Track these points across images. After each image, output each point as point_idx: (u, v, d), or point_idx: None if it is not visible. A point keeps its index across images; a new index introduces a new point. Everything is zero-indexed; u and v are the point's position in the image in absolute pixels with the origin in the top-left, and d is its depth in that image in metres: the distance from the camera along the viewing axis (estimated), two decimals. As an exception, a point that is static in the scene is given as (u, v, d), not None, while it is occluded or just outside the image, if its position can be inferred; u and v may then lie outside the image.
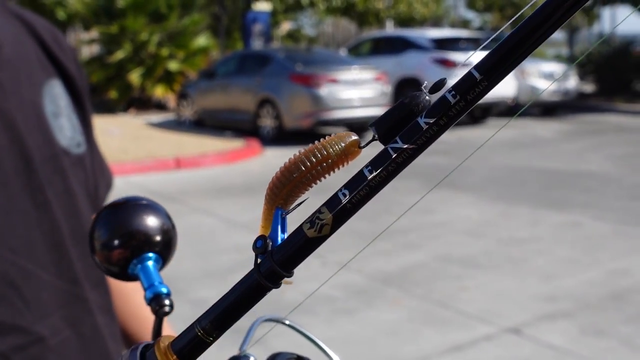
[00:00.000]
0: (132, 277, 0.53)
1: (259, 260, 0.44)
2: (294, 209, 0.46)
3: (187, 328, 0.45)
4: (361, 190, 0.42)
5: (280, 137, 13.76)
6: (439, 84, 0.43)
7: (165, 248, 0.52)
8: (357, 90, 13.76)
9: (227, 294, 0.45)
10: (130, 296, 1.20)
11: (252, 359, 0.49)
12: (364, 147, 0.45)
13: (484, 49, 0.43)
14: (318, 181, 0.45)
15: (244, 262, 6.18)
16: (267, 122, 14.17)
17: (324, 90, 13.43)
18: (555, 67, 18.42)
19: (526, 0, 37.24)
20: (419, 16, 35.53)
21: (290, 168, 0.45)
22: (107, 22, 19.34)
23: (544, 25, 0.39)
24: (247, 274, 0.44)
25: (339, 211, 0.42)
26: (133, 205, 0.54)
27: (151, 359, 0.44)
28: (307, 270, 5.88)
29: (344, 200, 0.42)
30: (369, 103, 13.87)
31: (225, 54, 21.04)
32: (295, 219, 0.46)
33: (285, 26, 37.89)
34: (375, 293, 5.32)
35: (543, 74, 17.60)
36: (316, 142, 0.45)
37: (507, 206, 8.06)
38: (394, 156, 0.41)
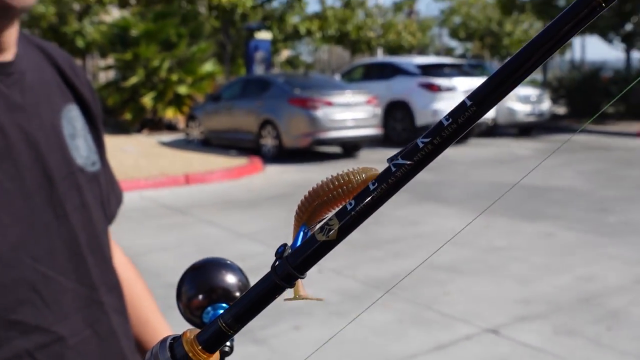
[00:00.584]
0: (199, 321, 0.55)
1: (277, 263, 0.46)
2: (316, 225, 0.48)
3: (211, 322, 0.48)
4: (366, 202, 0.44)
5: (280, 155, 13.76)
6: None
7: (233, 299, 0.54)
8: (351, 112, 13.80)
9: (247, 292, 0.48)
10: (139, 302, 1.22)
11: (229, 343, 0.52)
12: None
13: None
14: (340, 204, 0.47)
15: (248, 269, 6.19)
16: (268, 142, 14.19)
17: (320, 112, 13.45)
18: (531, 91, 18.51)
19: (504, 29, 37.26)
20: (406, 44, 35.65)
21: (317, 190, 0.47)
22: (122, 50, 19.37)
23: (526, 64, 0.44)
24: (265, 275, 0.47)
25: (345, 219, 0.45)
26: (216, 265, 0.57)
27: (179, 349, 0.46)
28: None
29: (350, 209, 0.45)
30: (361, 124, 13.90)
31: (229, 79, 21.09)
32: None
33: (285, 53, 38.01)
34: (367, 297, 5.35)
35: (520, 98, 17.68)
36: (342, 170, 0.48)
37: (487, 218, 8.09)
38: (394, 170, 0.44)
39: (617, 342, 4.41)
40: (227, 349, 0.51)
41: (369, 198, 0.45)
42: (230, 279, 0.56)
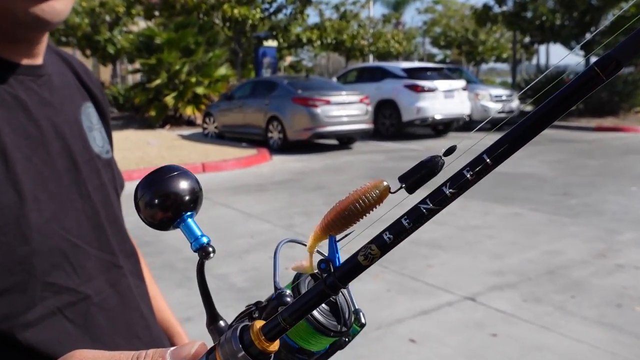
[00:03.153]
0: (176, 228, 0.53)
1: (325, 276, 0.47)
2: (342, 238, 0.51)
3: (273, 318, 0.47)
4: (400, 233, 0.46)
5: (285, 146, 13.75)
6: (451, 150, 0.49)
7: (197, 205, 0.53)
8: (346, 110, 13.78)
9: (301, 296, 0.48)
10: (160, 315, 1.27)
11: (288, 292, 0.50)
12: (394, 192, 0.51)
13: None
14: (361, 218, 0.50)
15: (257, 245, 6.18)
16: (274, 135, 14.16)
17: (319, 110, 13.43)
18: (502, 92, 18.47)
19: (479, 38, 37.21)
20: (394, 51, 35.56)
21: (341, 209, 0.50)
22: (147, 55, 19.33)
23: (537, 124, 0.45)
24: (315, 284, 0.48)
25: (383, 247, 0.46)
26: (167, 172, 0.54)
27: (247, 338, 0.46)
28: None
29: (388, 241, 0.47)
30: (354, 120, 13.89)
31: (241, 81, 21.00)
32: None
33: (289, 59, 37.92)
34: (360, 269, 5.32)
35: (492, 97, 17.65)
36: (358, 188, 0.50)
37: (464, 200, 8.06)
38: (423, 212, 0.46)
39: (580, 309, 4.38)
40: (211, 254, 0.51)
41: (404, 232, 0.47)
42: (184, 184, 0.53)
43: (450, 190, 0.47)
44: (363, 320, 0.60)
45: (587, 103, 19.62)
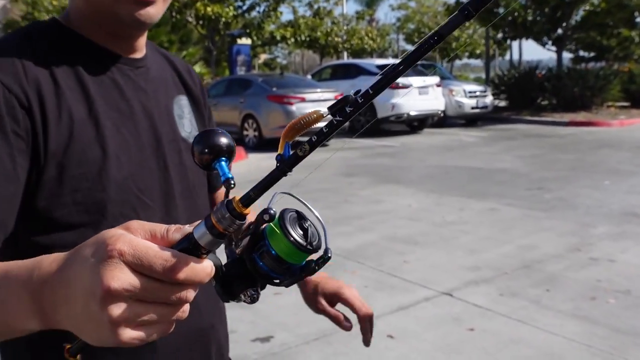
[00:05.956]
0: (213, 169, 0.73)
1: (278, 164, 0.67)
2: (291, 141, 0.70)
3: (246, 193, 0.67)
4: (319, 135, 0.67)
5: (261, 144, 13.72)
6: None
7: (231, 155, 0.74)
8: (321, 107, 13.75)
9: (262, 179, 0.67)
10: None
11: (273, 210, 0.69)
12: (325, 116, 0.69)
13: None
14: (303, 130, 0.70)
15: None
16: (250, 133, 14.13)
17: (294, 107, 13.42)
18: (476, 87, 18.56)
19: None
20: (368, 48, 35.62)
21: (293, 122, 0.69)
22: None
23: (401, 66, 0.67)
24: (271, 171, 0.66)
25: (312, 145, 0.67)
26: (214, 131, 0.75)
27: (230, 206, 0.65)
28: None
29: (313, 140, 0.67)
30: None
31: (215, 79, 20.89)
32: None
33: (263, 57, 37.81)
34: (338, 266, 5.31)
35: (466, 93, 17.74)
36: (304, 113, 0.70)
37: (439, 196, 8.11)
38: (332, 122, 0.69)
39: (555, 303, 4.42)
40: (233, 185, 0.71)
41: (322, 135, 0.66)
42: (224, 140, 0.74)
43: (351, 108, 0.67)
44: (329, 255, 0.75)
45: (559, 98, 19.80)
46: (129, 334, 0.64)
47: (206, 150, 0.74)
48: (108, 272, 0.61)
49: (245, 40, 23.35)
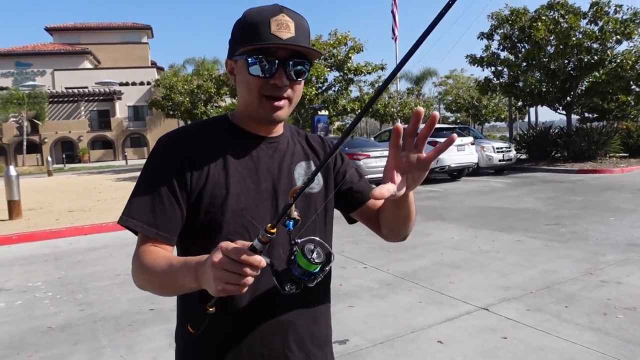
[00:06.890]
0: None
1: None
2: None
3: (274, 221, 0.94)
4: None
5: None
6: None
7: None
8: (382, 162, 13.75)
9: (281, 211, 0.95)
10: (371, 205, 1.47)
11: (299, 241, 0.99)
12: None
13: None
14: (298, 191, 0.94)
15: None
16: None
17: (362, 162, 13.51)
18: (502, 144, 18.17)
19: (482, 104, 36.61)
20: (417, 115, 35.38)
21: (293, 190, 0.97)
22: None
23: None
24: (285, 205, 0.97)
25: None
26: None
27: (266, 228, 0.94)
28: (355, 270, 5.84)
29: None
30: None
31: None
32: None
33: (337, 124, 38.21)
34: (397, 285, 5.24)
35: (494, 149, 17.39)
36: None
37: (476, 230, 7.91)
38: None
39: (573, 317, 4.21)
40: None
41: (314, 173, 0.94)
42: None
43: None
44: (333, 258, 1.04)
45: (570, 151, 19.18)
46: (221, 286, 0.92)
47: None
48: (214, 255, 0.93)
49: (324, 112, 23.71)
